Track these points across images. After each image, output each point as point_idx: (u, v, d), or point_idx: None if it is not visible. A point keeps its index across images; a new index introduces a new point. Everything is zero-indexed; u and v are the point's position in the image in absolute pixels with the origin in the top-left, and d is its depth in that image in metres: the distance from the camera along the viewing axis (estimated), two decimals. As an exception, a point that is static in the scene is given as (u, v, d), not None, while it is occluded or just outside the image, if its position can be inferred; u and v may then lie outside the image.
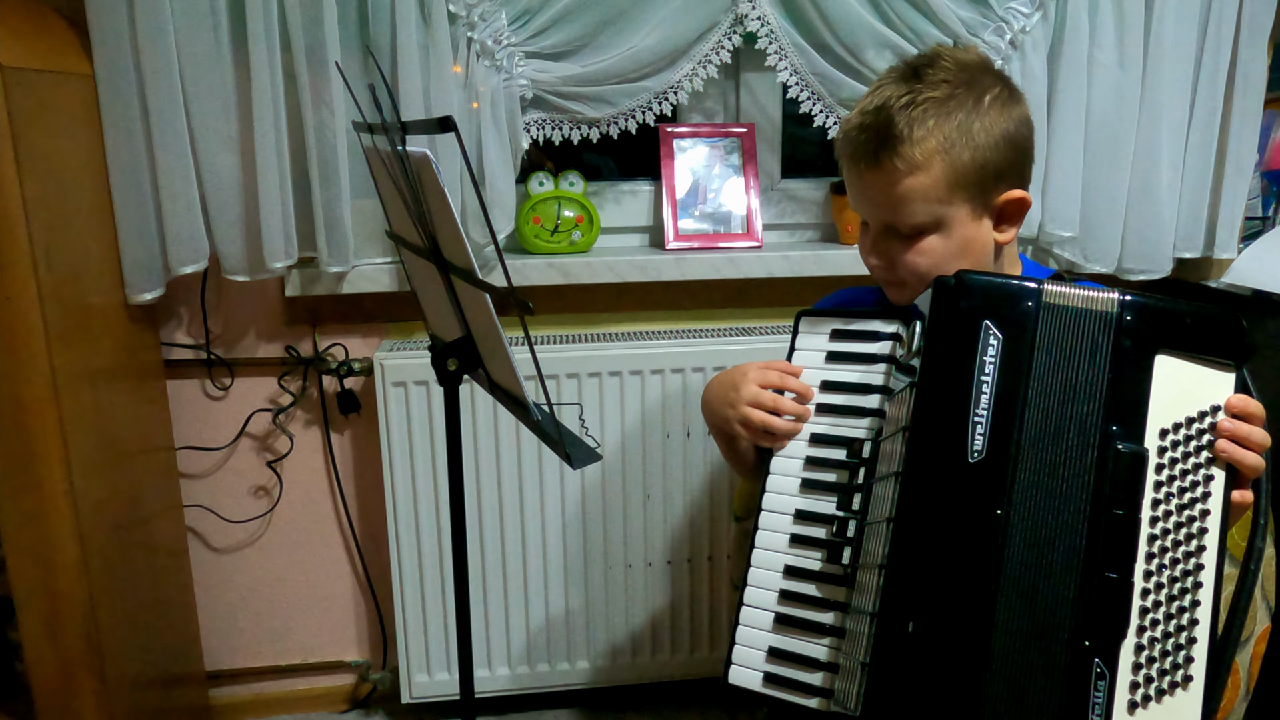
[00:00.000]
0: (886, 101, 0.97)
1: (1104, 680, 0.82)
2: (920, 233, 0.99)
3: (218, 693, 1.84)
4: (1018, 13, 1.61)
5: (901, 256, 1.01)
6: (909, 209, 0.98)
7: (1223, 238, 1.74)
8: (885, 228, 1.02)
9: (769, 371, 1.03)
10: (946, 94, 0.96)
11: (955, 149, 0.96)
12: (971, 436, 0.85)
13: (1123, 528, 0.83)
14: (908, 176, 0.96)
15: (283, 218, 1.52)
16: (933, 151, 0.95)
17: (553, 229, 1.71)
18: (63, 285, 1.31)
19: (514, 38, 1.55)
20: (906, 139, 0.95)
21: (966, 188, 0.98)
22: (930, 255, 1.00)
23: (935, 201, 0.97)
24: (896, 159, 0.96)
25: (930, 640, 0.84)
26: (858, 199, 1.04)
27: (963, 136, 0.96)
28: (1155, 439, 0.85)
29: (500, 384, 1.08)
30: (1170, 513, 0.85)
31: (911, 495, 0.86)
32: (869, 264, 1.06)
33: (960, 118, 0.96)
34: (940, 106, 0.96)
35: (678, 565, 1.75)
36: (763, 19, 1.61)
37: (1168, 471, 0.85)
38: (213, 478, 1.75)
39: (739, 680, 0.97)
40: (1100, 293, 0.86)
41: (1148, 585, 0.84)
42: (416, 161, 0.94)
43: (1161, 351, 0.85)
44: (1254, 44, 1.66)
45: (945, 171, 0.96)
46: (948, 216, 0.99)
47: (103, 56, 1.40)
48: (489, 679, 1.75)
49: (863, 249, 1.07)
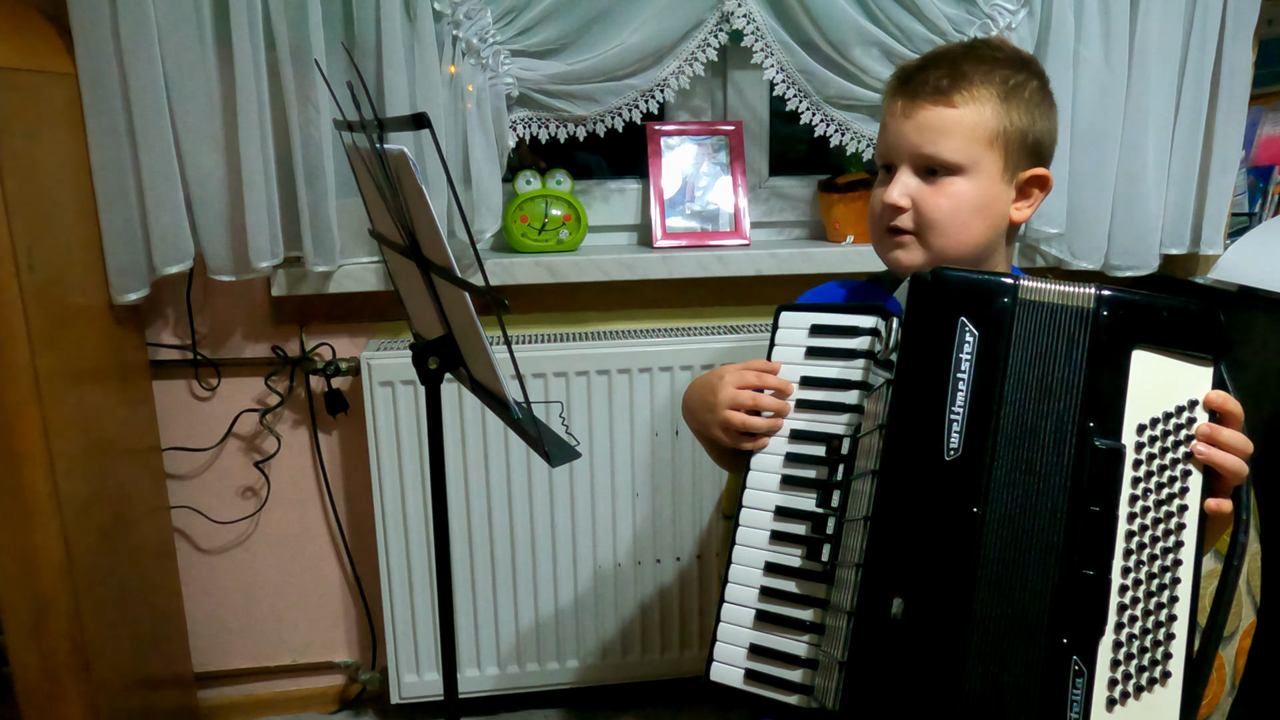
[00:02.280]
0: (952, 50, 1.05)
1: (1082, 678, 0.81)
2: (951, 173, 1.02)
3: (206, 694, 1.83)
4: (1003, 9, 1.61)
5: (927, 197, 1.02)
6: (952, 142, 1.01)
7: (1209, 234, 1.74)
8: (917, 167, 1.03)
9: (746, 372, 1.02)
10: (1004, 59, 1.04)
11: (1009, 101, 1.02)
12: (948, 434, 0.84)
13: (1100, 525, 0.83)
14: (963, 106, 1.00)
15: (268, 217, 1.51)
16: (991, 95, 1.01)
17: (540, 227, 1.71)
18: (45, 286, 1.31)
19: (499, 36, 1.55)
20: (969, 77, 1.01)
21: (1006, 143, 1.02)
22: (954, 200, 1.02)
23: (976, 141, 1.01)
24: (956, 91, 1.00)
25: (907, 637, 0.84)
26: (898, 133, 1.04)
27: (1016, 95, 1.02)
28: (1133, 435, 0.84)
29: (481, 382, 1.08)
30: (1148, 509, 0.84)
31: (888, 493, 0.86)
32: (884, 208, 1.05)
33: (1016, 81, 1.03)
34: (998, 65, 1.03)
35: (667, 564, 1.75)
36: (749, 16, 1.61)
37: (1145, 468, 0.84)
38: (200, 479, 1.75)
39: (720, 677, 0.97)
40: (1077, 288, 0.86)
41: (1125, 582, 0.83)
42: (395, 159, 0.94)
43: (1139, 346, 0.85)
44: (1239, 41, 1.66)
45: (995, 116, 1.01)
46: (981, 163, 1.02)
47: (85, 55, 1.40)
48: (478, 678, 1.75)
49: (877, 200, 1.07)
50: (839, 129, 1.69)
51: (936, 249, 1.04)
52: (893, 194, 1.04)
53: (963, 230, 1.03)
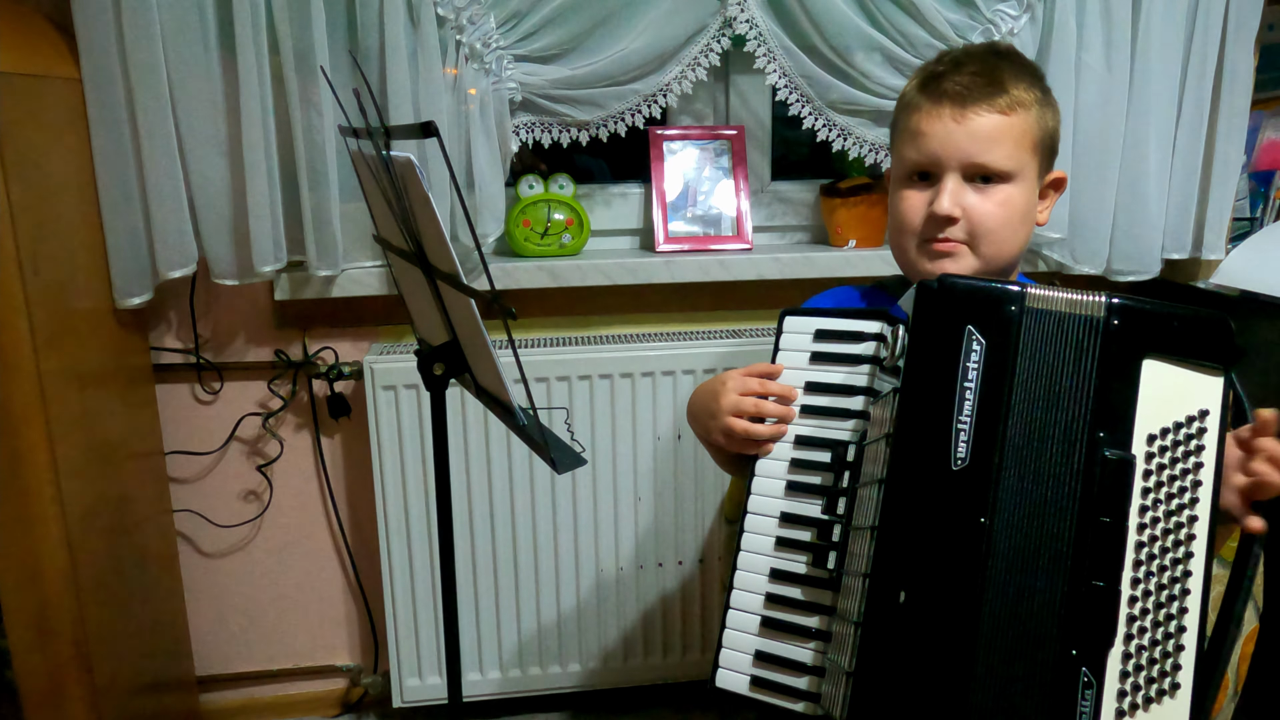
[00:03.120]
0: (978, 53, 1.05)
1: (1091, 690, 0.81)
2: (1001, 180, 1.02)
3: (208, 698, 1.83)
4: (1005, 15, 1.62)
5: (978, 206, 1.02)
6: (1005, 150, 1.01)
7: (1210, 239, 1.75)
8: (967, 175, 1.02)
9: (749, 379, 1.01)
10: (1026, 64, 1.07)
11: (1042, 108, 1.04)
12: (954, 444, 0.84)
13: (1110, 535, 0.82)
14: (1013, 114, 1.01)
15: (271, 221, 1.51)
16: (1031, 101, 1.03)
17: (543, 232, 1.71)
18: (50, 290, 1.31)
19: (503, 41, 1.55)
20: (1014, 82, 1.02)
21: (1041, 149, 1.04)
22: (1005, 207, 1.02)
23: (1024, 149, 1.02)
24: (1004, 97, 1.01)
25: (914, 649, 0.83)
26: (946, 140, 1.01)
27: (1047, 100, 1.05)
28: (1143, 445, 0.84)
29: (486, 388, 1.08)
30: (1158, 519, 0.83)
31: (895, 503, 0.86)
32: (932, 218, 1.02)
33: (1043, 86, 1.06)
34: (1027, 72, 1.05)
35: (669, 568, 1.75)
36: (751, 21, 1.61)
37: (1155, 478, 0.84)
38: (202, 482, 1.75)
39: (726, 684, 0.96)
40: (1086, 296, 0.85)
41: (1135, 593, 0.83)
42: (401, 166, 0.94)
43: (1149, 355, 0.84)
44: (1240, 46, 1.66)
45: (1036, 123, 1.03)
46: (1026, 170, 1.03)
47: (90, 60, 1.40)
48: (480, 682, 1.75)
49: (915, 210, 1.04)
50: (841, 134, 1.69)
51: (988, 257, 1.04)
52: (944, 204, 1.01)
53: (1013, 238, 1.04)
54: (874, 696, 0.84)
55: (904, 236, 1.08)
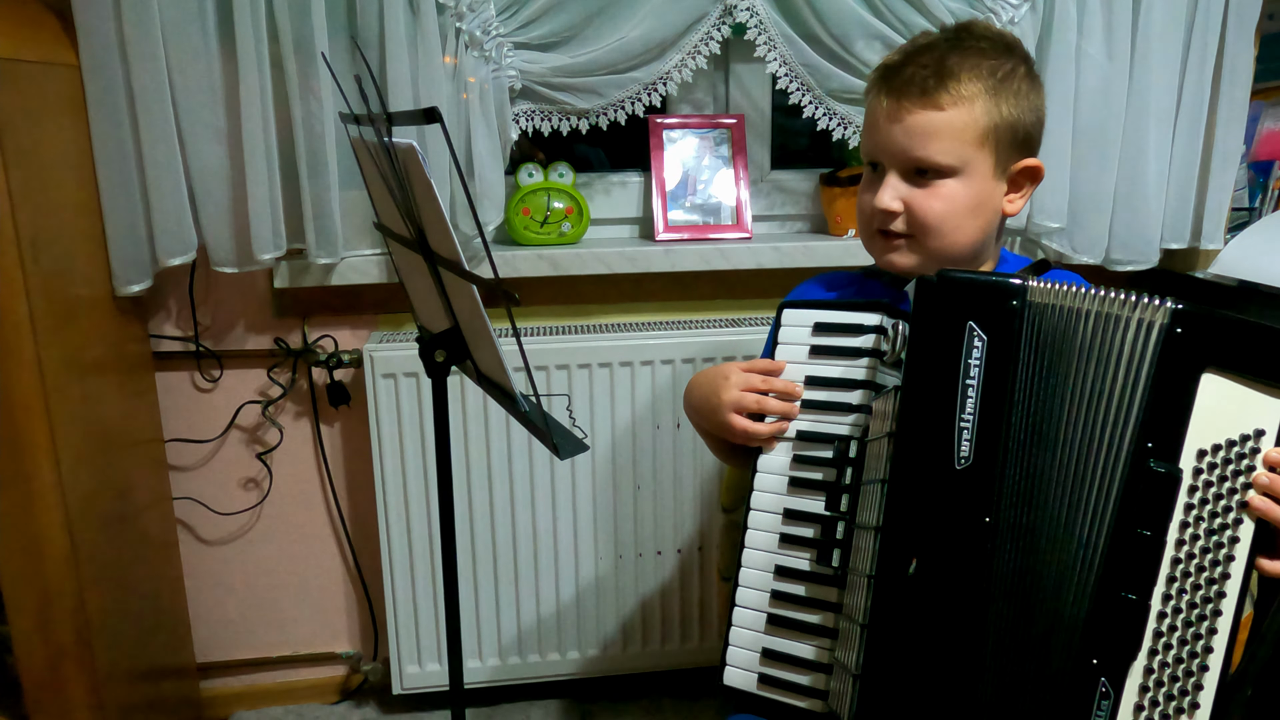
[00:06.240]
0: (935, 43, 1.01)
1: (1108, 700, 0.80)
2: (942, 175, 1.00)
3: (209, 684, 1.84)
4: (1006, 4, 1.62)
5: (918, 200, 1.00)
6: (942, 145, 0.98)
7: (1209, 229, 1.75)
8: (906, 170, 1.01)
9: (751, 375, 1.00)
10: (989, 48, 1.01)
11: (997, 96, 0.99)
12: (957, 443, 0.83)
13: (1147, 549, 0.80)
14: (951, 109, 0.98)
15: (271, 209, 1.51)
16: (978, 92, 0.98)
17: (542, 220, 1.71)
18: (49, 278, 1.31)
19: (502, 28, 1.55)
20: (956, 75, 0.98)
21: (997, 140, 1.00)
22: (947, 202, 1.00)
23: (967, 143, 0.99)
24: (944, 92, 0.98)
25: (920, 647, 0.83)
26: (886, 136, 1.01)
27: (1004, 88, 1.00)
28: (1192, 460, 0.81)
29: (488, 375, 1.08)
30: (1198, 537, 0.80)
31: (898, 503, 0.85)
32: (875, 212, 1.02)
33: (1004, 71, 1.00)
34: (984, 57, 1.00)
35: (668, 556, 1.76)
36: (752, 10, 1.61)
37: (1200, 495, 0.81)
38: (202, 470, 1.75)
39: (734, 682, 0.96)
40: (1146, 298, 0.81)
41: (1165, 609, 0.80)
42: (403, 153, 0.94)
43: (1209, 369, 0.80)
44: (1240, 35, 1.66)
45: (985, 114, 0.99)
46: (973, 164, 0.99)
47: (88, 47, 1.39)
48: (479, 669, 1.75)
49: (867, 202, 1.04)
50: (841, 122, 1.69)
51: (933, 250, 1.03)
52: (884, 198, 1.01)
53: (957, 231, 1.02)
54: (881, 694, 0.84)
55: (861, 228, 1.09)
